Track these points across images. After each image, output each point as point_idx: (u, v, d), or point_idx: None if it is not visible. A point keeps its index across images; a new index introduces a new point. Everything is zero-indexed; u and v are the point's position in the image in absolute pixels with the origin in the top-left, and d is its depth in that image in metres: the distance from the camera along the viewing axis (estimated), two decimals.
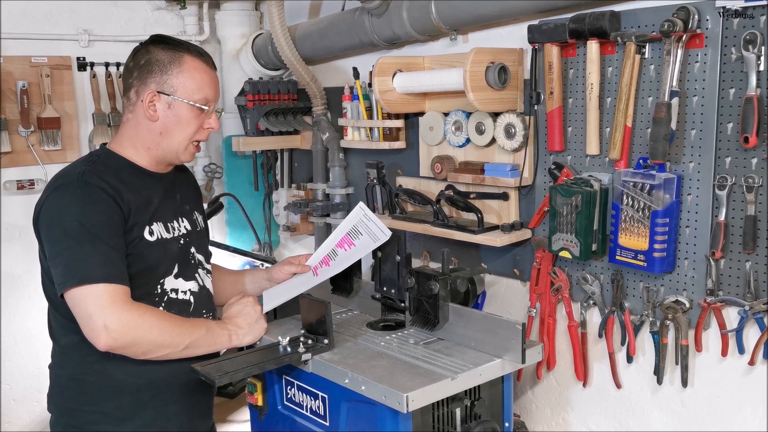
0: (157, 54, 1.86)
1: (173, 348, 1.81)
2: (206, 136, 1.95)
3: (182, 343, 1.82)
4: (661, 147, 1.91)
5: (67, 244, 1.72)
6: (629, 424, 2.28)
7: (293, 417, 2.12)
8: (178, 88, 1.86)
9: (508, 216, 2.41)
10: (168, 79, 1.85)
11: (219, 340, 1.92)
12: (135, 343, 1.74)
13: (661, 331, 2.07)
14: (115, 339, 1.70)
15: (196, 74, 1.87)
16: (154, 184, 1.93)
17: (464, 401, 1.93)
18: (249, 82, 3.16)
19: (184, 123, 1.88)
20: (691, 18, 1.86)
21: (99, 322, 1.69)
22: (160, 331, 1.78)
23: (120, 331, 1.70)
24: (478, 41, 2.47)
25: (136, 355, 1.78)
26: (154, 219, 1.88)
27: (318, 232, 3.19)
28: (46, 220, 1.77)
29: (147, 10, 3.32)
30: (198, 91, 1.87)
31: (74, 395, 1.87)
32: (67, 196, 1.76)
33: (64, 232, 1.73)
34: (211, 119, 1.92)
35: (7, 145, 2.96)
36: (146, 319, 1.75)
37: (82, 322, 1.72)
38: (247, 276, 2.29)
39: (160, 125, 1.87)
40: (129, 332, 1.72)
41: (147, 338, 1.76)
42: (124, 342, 1.72)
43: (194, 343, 1.84)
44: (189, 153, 1.94)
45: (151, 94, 1.85)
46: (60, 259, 1.73)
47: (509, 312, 2.53)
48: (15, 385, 3.13)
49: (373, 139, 2.81)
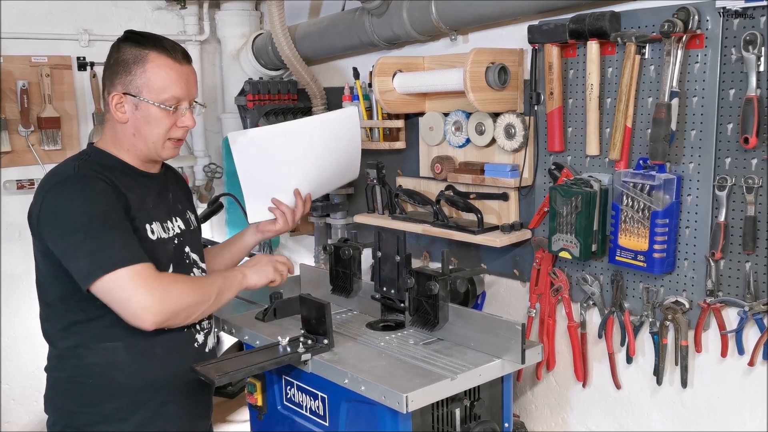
0: (125, 53, 1.81)
1: (207, 302, 1.85)
2: (183, 134, 1.89)
3: (211, 295, 1.86)
4: (661, 147, 1.91)
5: (82, 238, 1.70)
6: (629, 425, 2.27)
7: (293, 417, 2.12)
8: (142, 89, 1.80)
9: (507, 216, 2.41)
10: (132, 79, 1.80)
11: (234, 282, 1.94)
12: (176, 311, 1.77)
13: (660, 331, 2.07)
14: (156, 315, 1.71)
15: (162, 72, 1.80)
16: (146, 184, 1.91)
17: (464, 401, 1.93)
18: (249, 82, 3.16)
19: (154, 123, 1.83)
20: (691, 18, 1.86)
21: (137, 305, 1.70)
22: (192, 293, 1.81)
23: (160, 306, 1.72)
24: (478, 41, 2.47)
25: (181, 322, 1.81)
26: (151, 218, 1.87)
27: (318, 232, 3.19)
28: (50, 219, 1.74)
29: (147, 10, 3.32)
30: (163, 91, 1.81)
31: (73, 397, 1.86)
32: (66, 191, 1.74)
33: (76, 227, 1.70)
34: (185, 117, 1.86)
35: (7, 144, 2.96)
36: (178, 287, 1.79)
37: (120, 308, 1.71)
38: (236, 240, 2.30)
39: (131, 126, 1.83)
40: (167, 305, 1.74)
41: (184, 303, 1.79)
42: (167, 314, 1.74)
43: (219, 291, 1.88)
44: (168, 150, 1.89)
45: (117, 96, 1.81)
46: (79, 253, 1.70)
47: (509, 312, 2.53)
48: (15, 385, 3.13)
49: (373, 140, 2.81)
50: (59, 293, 1.82)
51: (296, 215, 2.20)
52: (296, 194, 2.19)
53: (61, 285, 1.80)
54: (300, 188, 2.20)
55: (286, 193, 2.18)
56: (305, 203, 2.22)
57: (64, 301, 1.82)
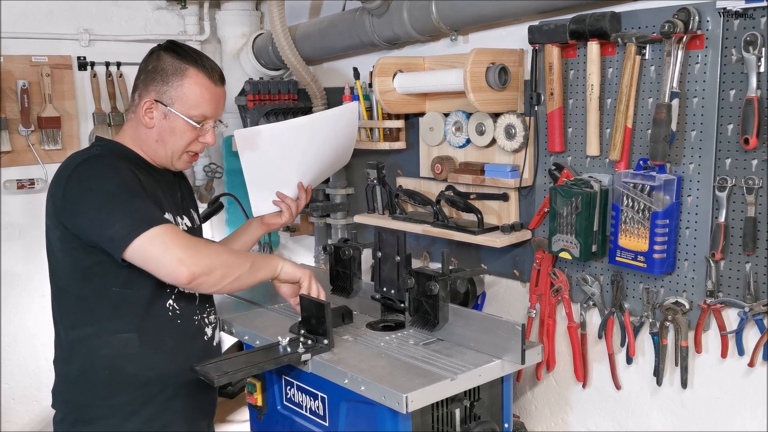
0: (165, 62, 1.88)
1: (242, 268, 1.84)
2: (201, 149, 1.97)
3: (246, 262, 1.87)
4: (661, 148, 1.91)
5: (115, 205, 1.73)
6: (629, 425, 2.27)
7: (293, 417, 2.12)
8: (175, 101, 1.87)
9: (508, 217, 2.41)
10: (168, 90, 1.87)
11: (271, 263, 1.96)
12: (212, 267, 1.77)
13: (660, 332, 2.07)
14: (191, 267, 1.72)
15: (197, 89, 1.88)
16: (159, 179, 1.96)
17: (464, 402, 1.93)
18: (249, 82, 3.16)
19: (178, 134, 1.90)
20: (691, 19, 1.86)
21: (173, 257, 1.71)
22: (226, 255, 1.84)
23: (195, 260, 1.73)
24: (479, 42, 2.47)
25: (215, 282, 1.79)
26: (164, 210, 1.90)
27: (318, 232, 3.19)
28: (79, 194, 1.76)
29: (148, 10, 3.32)
30: (195, 107, 1.88)
31: (83, 390, 1.87)
32: (93, 168, 1.79)
33: (107, 196, 1.74)
34: (207, 135, 1.94)
35: (7, 144, 2.96)
36: (212, 248, 1.83)
37: (157, 263, 1.72)
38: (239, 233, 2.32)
39: (156, 132, 1.90)
40: (203, 260, 1.75)
41: (219, 261, 1.79)
42: (203, 268, 1.74)
43: (254, 263, 1.89)
44: (183, 162, 1.97)
45: (149, 102, 1.87)
46: (114, 219, 1.72)
47: (509, 313, 2.53)
48: (15, 384, 3.13)
49: (374, 140, 2.81)
50: (75, 281, 1.84)
51: (300, 206, 2.27)
52: (299, 187, 2.25)
53: (78, 272, 1.82)
54: (302, 181, 2.25)
55: (289, 186, 2.24)
56: (307, 194, 2.28)
57: (79, 290, 1.84)
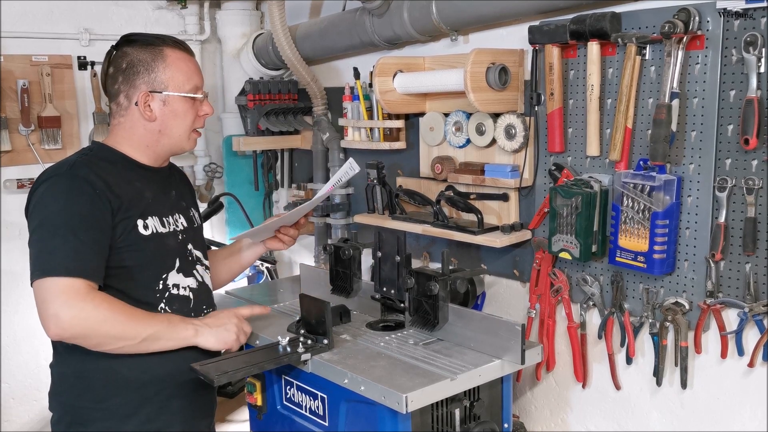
0: (137, 54, 1.88)
1: (129, 340, 1.77)
2: (203, 123, 1.99)
3: (138, 335, 1.78)
4: (662, 148, 1.91)
5: (40, 236, 1.74)
6: (628, 425, 2.27)
7: (292, 417, 2.12)
8: (168, 83, 1.88)
9: (508, 217, 2.41)
10: (156, 76, 1.88)
11: (182, 334, 1.85)
12: (85, 335, 1.73)
13: (660, 332, 2.07)
14: (63, 329, 1.69)
15: (182, 65, 1.91)
16: (148, 178, 1.94)
17: (463, 402, 1.93)
18: (249, 82, 3.16)
19: (182, 115, 1.92)
20: (691, 19, 1.86)
21: (50, 311, 1.69)
22: (113, 323, 1.75)
23: (70, 322, 1.69)
24: (479, 42, 2.47)
25: (89, 346, 1.77)
26: (148, 212, 1.88)
27: (318, 232, 3.19)
28: (36, 209, 1.79)
29: (148, 10, 3.33)
30: (187, 81, 1.91)
31: (79, 393, 1.87)
32: (53, 188, 1.79)
33: (41, 223, 1.75)
34: (204, 105, 1.97)
35: (7, 143, 2.96)
36: (100, 312, 1.73)
37: (38, 310, 1.72)
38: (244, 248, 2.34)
39: (159, 123, 1.90)
40: (79, 323, 1.70)
41: (99, 330, 1.73)
42: (74, 333, 1.72)
43: (153, 335, 1.80)
44: (192, 141, 1.99)
45: (144, 95, 1.87)
46: (32, 249, 1.75)
47: (509, 313, 2.53)
48: (14, 384, 3.13)
49: (374, 140, 2.81)
50: None
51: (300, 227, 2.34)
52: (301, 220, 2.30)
53: None
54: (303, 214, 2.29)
55: (291, 222, 2.29)
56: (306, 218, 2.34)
57: None
